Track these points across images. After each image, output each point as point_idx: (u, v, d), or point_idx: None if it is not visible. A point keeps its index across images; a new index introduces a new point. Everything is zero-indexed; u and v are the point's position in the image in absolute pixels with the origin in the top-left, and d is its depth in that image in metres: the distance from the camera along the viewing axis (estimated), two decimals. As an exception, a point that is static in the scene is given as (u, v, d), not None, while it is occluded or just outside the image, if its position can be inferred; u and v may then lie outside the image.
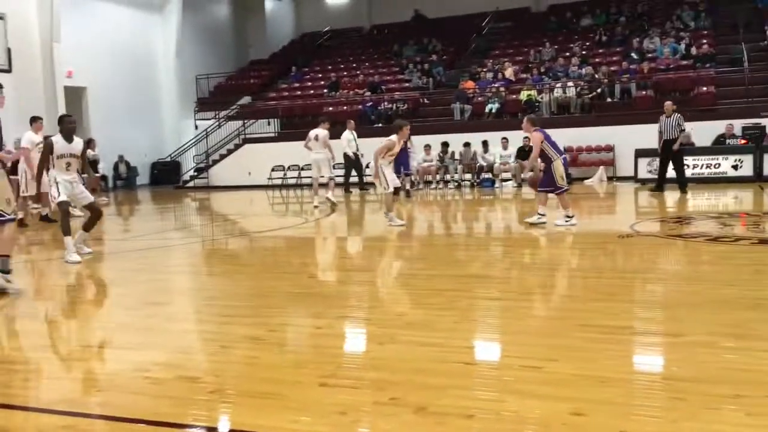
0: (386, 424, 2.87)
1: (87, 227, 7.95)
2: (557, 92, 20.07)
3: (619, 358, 3.67)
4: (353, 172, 17.61)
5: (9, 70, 17.63)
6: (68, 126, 7.71)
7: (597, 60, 21.65)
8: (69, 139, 7.61)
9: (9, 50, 17.29)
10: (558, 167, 9.35)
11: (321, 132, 13.72)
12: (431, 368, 3.55)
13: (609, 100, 19.82)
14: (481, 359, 3.93)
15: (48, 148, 7.57)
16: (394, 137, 9.82)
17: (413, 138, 14.95)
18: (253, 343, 4.26)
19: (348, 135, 17.05)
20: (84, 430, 2.97)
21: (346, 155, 17.10)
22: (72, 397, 3.45)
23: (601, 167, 18.13)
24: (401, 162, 13.92)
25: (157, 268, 7.70)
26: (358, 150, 17.22)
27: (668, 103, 13.98)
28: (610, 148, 18.43)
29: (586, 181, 17.79)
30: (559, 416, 2.84)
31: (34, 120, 12.04)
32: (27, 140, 11.40)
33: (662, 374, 3.47)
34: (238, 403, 3.23)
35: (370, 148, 11.14)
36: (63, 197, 7.52)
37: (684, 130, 13.45)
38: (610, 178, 17.85)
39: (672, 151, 13.52)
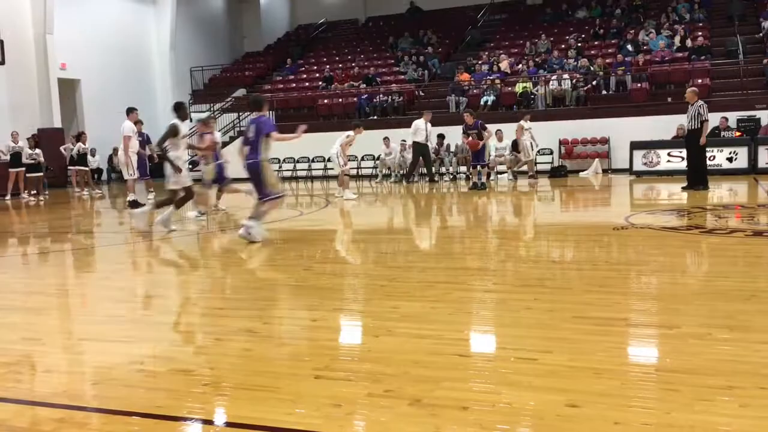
0: (381, 415, 2.87)
1: (178, 205, 9.20)
2: (552, 84, 20.07)
3: (613, 350, 3.68)
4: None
5: (2, 62, 17.54)
6: (185, 111, 9.24)
7: (592, 52, 21.66)
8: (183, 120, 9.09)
9: (2, 42, 17.21)
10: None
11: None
12: (426, 360, 3.55)
13: (604, 92, 19.84)
14: (476, 351, 3.94)
15: (173, 131, 8.79)
16: (351, 133, 10.07)
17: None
18: (247, 336, 4.25)
19: (420, 124, 17.05)
20: (79, 423, 2.96)
21: (415, 143, 17.11)
22: (66, 389, 3.44)
23: (596, 159, 18.17)
24: (478, 155, 14.56)
25: (152, 261, 7.68)
26: (428, 139, 17.26)
27: (689, 90, 12.77)
28: (605, 141, 18.46)
29: (581, 173, 17.83)
30: (553, 408, 2.85)
31: (131, 111, 13.55)
32: (128, 129, 13.26)
33: (656, 366, 3.47)
34: (233, 396, 3.23)
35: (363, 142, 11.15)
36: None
37: (706, 120, 12.22)
38: (605, 171, 17.88)
39: (693, 142, 12.44)
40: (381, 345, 3.90)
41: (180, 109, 9.26)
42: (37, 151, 17.21)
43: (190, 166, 10.16)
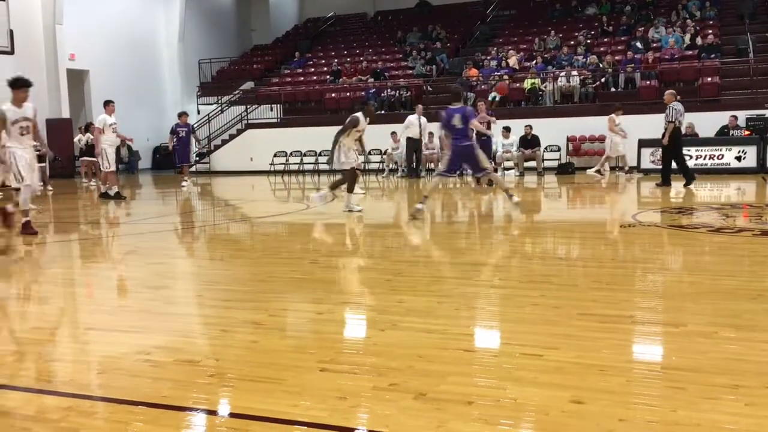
0: (385, 409, 2.87)
1: (350, 189, 10.07)
2: (561, 81, 20.00)
3: (619, 347, 3.67)
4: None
5: (11, 52, 17.58)
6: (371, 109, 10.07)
7: (601, 49, 21.56)
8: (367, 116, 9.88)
9: (11, 32, 17.24)
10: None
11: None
12: (431, 355, 3.56)
13: (613, 89, 19.76)
14: (482, 346, 3.94)
15: (353, 123, 9.59)
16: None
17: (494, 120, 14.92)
18: (253, 328, 4.26)
19: (413, 119, 17.03)
20: (85, 412, 2.98)
21: (408, 139, 17.12)
22: (72, 378, 3.46)
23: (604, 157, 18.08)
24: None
25: (158, 252, 7.70)
26: (421, 134, 17.29)
27: (668, 92, 13.34)
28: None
29: (588, 170, 17.76)
30: (558, 404, 2.85)
31: (107, 103, 13.53)
32: (99, 121, 13.36)
33: (662, 364, 3.47)
34: (238, 387, 3.24)
35: (369, 135, 11.15)
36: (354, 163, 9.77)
37: (671, 121, 12.62)
38: (612, 168, 17.81)
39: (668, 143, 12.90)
40: (386, 339, 3.91)
41: (366, 104, 10.33)
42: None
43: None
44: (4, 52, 17.29)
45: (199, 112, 25.15)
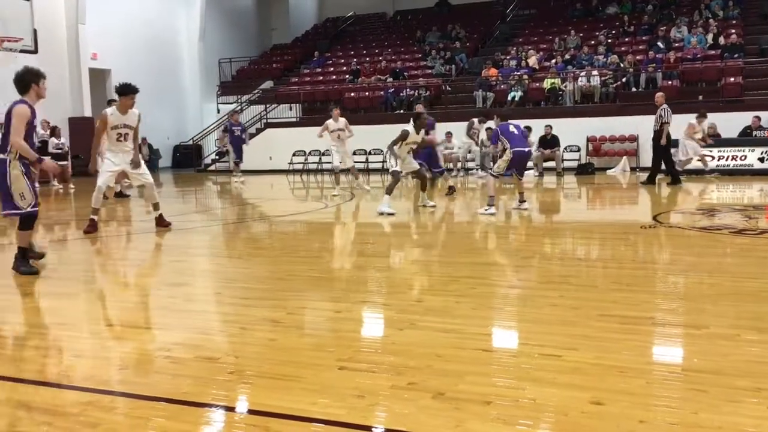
0: (404, 408, 2.87)
1: (423, 188, 10.54)
2: (581, 81, 19.87)
3: (639, 349, 3.64)
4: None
5: (35, 51, 17.78)
6: (424, 121, 10.21)
7: (622, 49, 21.39)
8: (417, 129, 10.06)
9: (35, 31, 17.45)
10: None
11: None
12: (450, 354, 3.55)
13: (634, 89, 19.59)
14: (500, 346, 3.92)
15: (402, 137, 9.87)
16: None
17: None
18: (272, 326, 4.28)
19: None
20: (105, 407, 3.01)
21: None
22: (94, 374, 3.50)
23: (624, 157, 17.96)
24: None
25: (178, 250, 7.76)
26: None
27: (658, 95, 13.87)
28: (634, 139, 18.25)
29: (608, 171, 17.63)
30: (578, 405, 2.83)
31: (110, 102, 13.35)
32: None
33: (683, 366, 3.43)
34: (257, 384, 3.26)
35: (387, 135, 11.11)
36: (399, 167, 10.03)
37: (666, 122, 13.20)
38: (633, 169, 17.67)
39: (655, 143, 13.54)
40: (404, 338, 3.90)
41: (418, 117, 10.31)
42: (63, 140, 17.47)
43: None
44: (28, 51, 17.50)
45: (218, 111, 25.31)
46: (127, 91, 8.18)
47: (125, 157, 8.33)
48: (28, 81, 5.85)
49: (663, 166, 13.71)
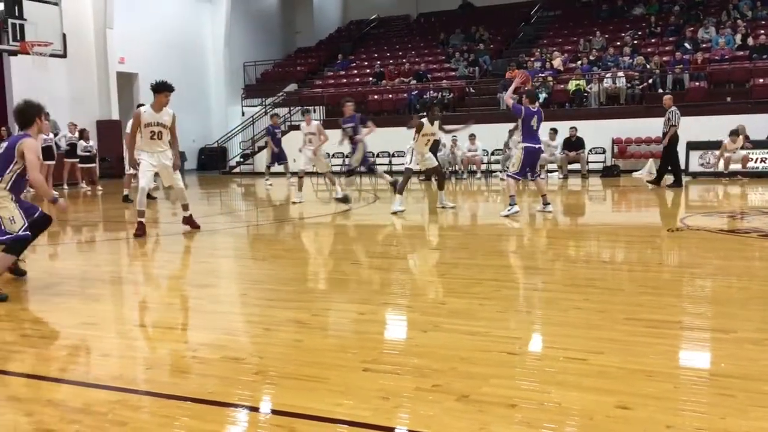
0: (428, 410, 2.87)
1: (441, 187, 10.74)
2: (606, 82, 19.70)
3: (666, 353, 3.61)
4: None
5: (64, 56, 18.06)
6: (436, 113, 10.40)
7: (649, 50, 21.16)
8: (432, 120, 10.23)
9: (64, 36, 17.69)
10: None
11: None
12: (474, 357, 3.55)
13: (660, 91, 19.37)
14: (525, 350, 3.90)
15: (418, 129, 10.09)
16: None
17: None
18: (296, 327, 4.31)
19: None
20: (132, 406, 3.05)
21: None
22: (121, 373, 3.55)
23: (651, 160, 17.75)
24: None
25: (204, 252, 7.84)
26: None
27: (666, 97, 14.19)
28: (660, 140, 18.02)
29: (634, 173, 17.46)
30: (603, 409, 2.81)
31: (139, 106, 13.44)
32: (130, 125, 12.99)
33: (710, 370, 3.40)
34: (282, 385, 3.28)
35: (410, 137, 11.13)
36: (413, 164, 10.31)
37: (674, 125, 13.43)
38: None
39: (667, 145, 13.69)
40: (429, 340, 3.91)
41: (429, 111, 10.52)
42: (91, 143, 17.69)
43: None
44: (58, 55, 17.76)
45: (243, 114, 25.49)
46: (162, 88, 8.24)
47: (160, 156, 8.32)
48: (32, 115, 5.61)
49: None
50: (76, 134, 17.36)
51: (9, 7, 16.25)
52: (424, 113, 10.61)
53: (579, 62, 21.38)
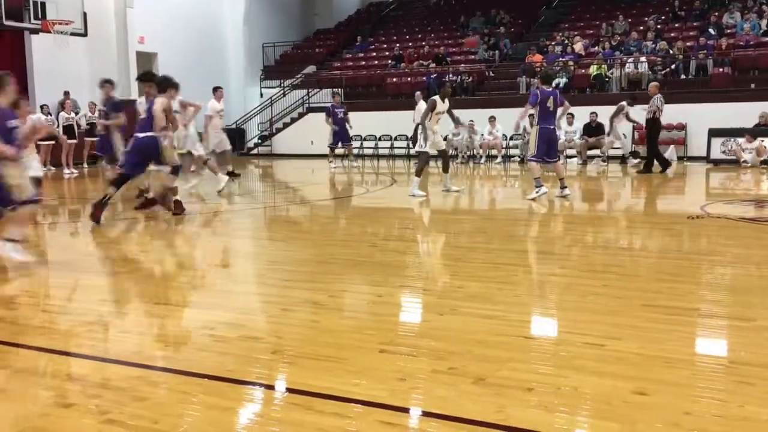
0: (445, 391, 2.88)
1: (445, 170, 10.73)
2: (628, 67, 19.45)
3: (684, 340, 3.59)
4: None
5: (84, 34, 18.13)
6: (447, 89, 10.69)
7: (672, 35, 20.84)
8: (443, 97, 10.32)
9: (85, 14, 17.77)
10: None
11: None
12: (491, 340, 3.55)
13: (683, 76, 19.11)
14: (541, 334, 3.90)
15: (431, 106, 10.15)
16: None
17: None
18: (313, 308, 4.33)
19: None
20: (153, 382, 3.09)
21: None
22: (142, 350, 3.59)
23: (672, 146, 17.54)
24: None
25: (222, 232, 7.88)
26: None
27: (652, 84, 14.53)
28: (681, 127, 17.82)
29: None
30: (620, 394, 2.81)
31: (216, 89, 13.86)
32: (210, 108, 13.32)
33: (729, 358, 3.37)
34: (299, 364, 3.30)
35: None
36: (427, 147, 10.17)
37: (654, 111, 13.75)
38: (680, 158, 17.28)
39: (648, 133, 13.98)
40: (445, 323, 3.91)
41: (443, 86, 10.90)
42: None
43: None
44: (78, 34, 17.85)
45: (261, 96, 25.48)
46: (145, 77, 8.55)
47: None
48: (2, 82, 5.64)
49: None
50: (96, 113, 17.43)
51: (31, -15, 16.34)
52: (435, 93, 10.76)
53: (600, 47, 21.12)
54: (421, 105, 16.32)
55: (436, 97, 10.34)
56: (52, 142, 16.35)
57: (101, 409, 2.77)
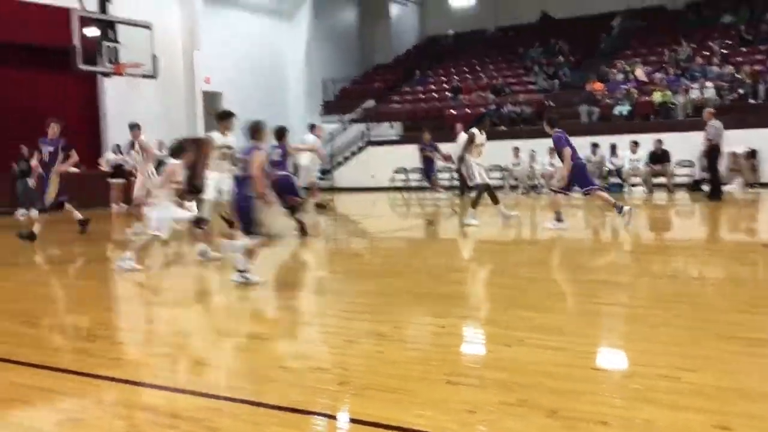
0: (516, 424, 2.83)
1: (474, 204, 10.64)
2: (694, 93, 19.03)
3: (766, 372, 3.43)
4: None
5: (154, 76, 18.87)
6: (486, 122, 11.01)
7: (739, 59, 20.32)
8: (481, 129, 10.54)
9: (154, 57, 18.50)
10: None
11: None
12: (560, 372, 3.47)
13: (752, 101, 18.56)
14: (612, 366, 3.80)
15: (470, 139, 10.42)
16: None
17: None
18: (378, 339, 4.34)
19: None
20: (224, 412, 3.14)
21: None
22: (212, 381, 3.66)
23: (740, 179, 17.00)
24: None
25: (284, 264, 7.99)
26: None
27: (706, 110, 14.41)
28: (752, 153, 17.25)
29: (724, 187, 16.73)
30: (700, 428, 2.70)
31: (313, 127, 15.05)
32: (309, 141, 14.31)
33: (816, 392, 3.21)
34: (366, 395, 3.30)
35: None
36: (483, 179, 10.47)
37: (710, 139, 13.69)
38: (751, 185, 16.70)
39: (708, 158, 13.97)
40: (512, 354, 3.85)
41: (480, 122, 10.96)
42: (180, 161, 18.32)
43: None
44: (149, 76, 18.58)
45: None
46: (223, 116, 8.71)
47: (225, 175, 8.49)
48: None
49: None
50: (164, 151, 18.04)
51: (104, 30, 17.13)
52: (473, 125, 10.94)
53: (663, 73, 20.74)
54: (462, 138, 16.25)
55: (475, 130, 10.54)
56: (123, 180, 17.01)
57: (175, 438, 2.83)
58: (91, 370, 3.83)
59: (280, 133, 10.10)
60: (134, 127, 11.32)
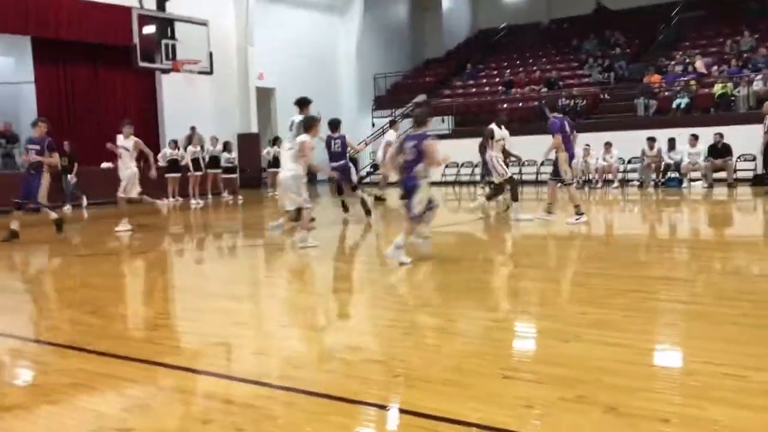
0: (575, 420, 2.80)
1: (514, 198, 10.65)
2: (756, 85, 18.40)
3: (837, 374, 3.31)
4: None
5: (210, 72, 19.25)
6: (503, 117, 11.14)
7: (805, 48, 19.56)
8: (500, 124, 10.78)
9: (210, 54, 18.87)
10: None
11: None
12: (620, 369, 3.42)
13: (819, 92, 17.85)
14: (675, 364, 3.72)
15: (489, 135, 10.66)
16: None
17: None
18: (434, 332, 4.35)
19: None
20: (283, 401, 3.19)
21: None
22: (271, 371, 3.72)
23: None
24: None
25: (338, 257, 8.06)
26: None
27: (766, 104, 14.18)
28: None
29: (788, 182, 16.14)
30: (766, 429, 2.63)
31: (393, 122, 15.52)
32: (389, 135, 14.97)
33: None
34: (422, 388, 3.31)
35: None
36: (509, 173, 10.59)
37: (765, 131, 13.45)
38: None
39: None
40: (570, 350, 3.81)
41: (498, 116, 11.25)
42: (234, 155, 18.61)
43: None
44: (205, 72, 18.97)
45: (373, 125, 26.01)
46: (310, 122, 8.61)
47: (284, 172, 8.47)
48: None
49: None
50: (219, 147, 18.34)
51: (162, 29, 17.55)
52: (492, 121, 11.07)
53: (724, 64, 20.12)
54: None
55: (493, 125, 10.70)
56: (179, 175, 17.39)
57: (237, 425, 2.89)
58: (153, 358, 3.94)
59: (335, 124, 11.46)
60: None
